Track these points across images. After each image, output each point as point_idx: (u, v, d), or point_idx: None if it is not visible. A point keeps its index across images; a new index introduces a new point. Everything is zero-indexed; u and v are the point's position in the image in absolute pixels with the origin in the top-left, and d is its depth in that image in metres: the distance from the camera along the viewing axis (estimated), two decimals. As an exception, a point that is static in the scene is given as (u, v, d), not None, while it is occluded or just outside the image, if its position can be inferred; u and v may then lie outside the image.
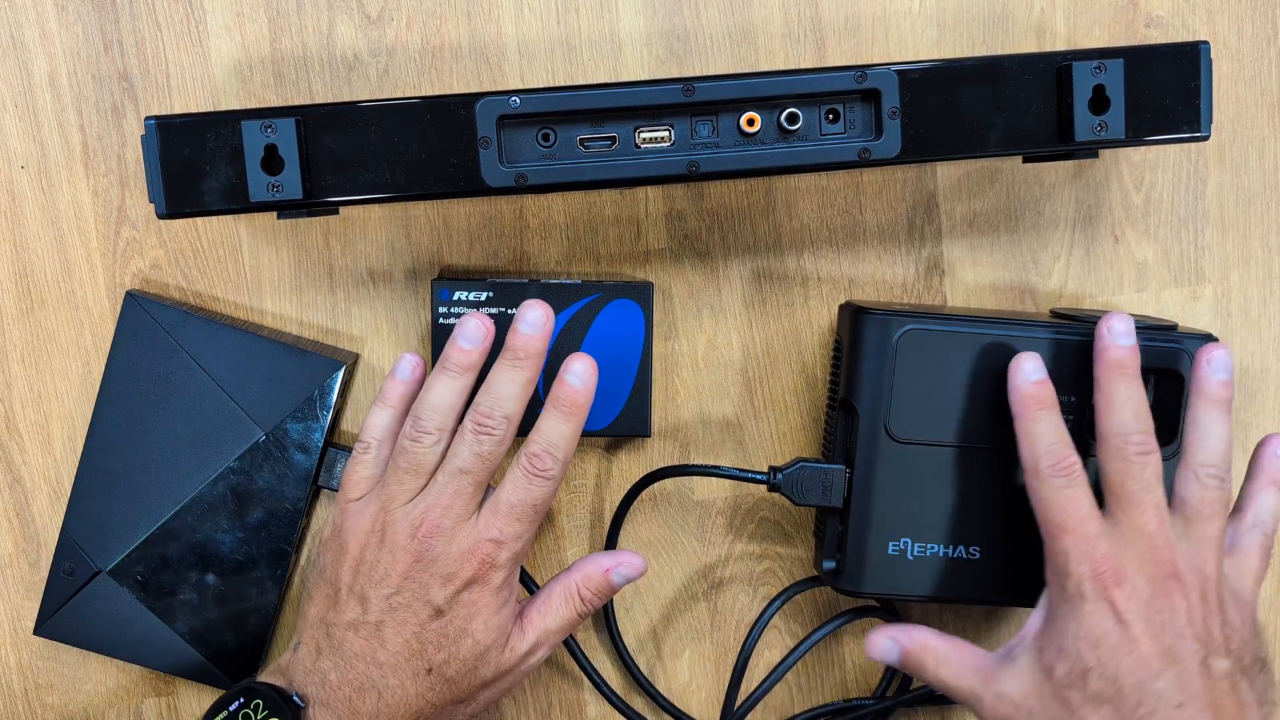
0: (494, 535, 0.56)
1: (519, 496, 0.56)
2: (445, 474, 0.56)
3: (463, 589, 0.56)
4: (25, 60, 0.63)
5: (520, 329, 0.57)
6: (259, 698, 0.55)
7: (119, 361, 0.63)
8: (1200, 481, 0.56)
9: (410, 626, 0.55)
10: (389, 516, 0.57)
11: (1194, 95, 0.57)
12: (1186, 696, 0.52)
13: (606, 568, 0.59)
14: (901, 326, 0.59)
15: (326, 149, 0.56)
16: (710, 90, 0.55)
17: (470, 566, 0.56)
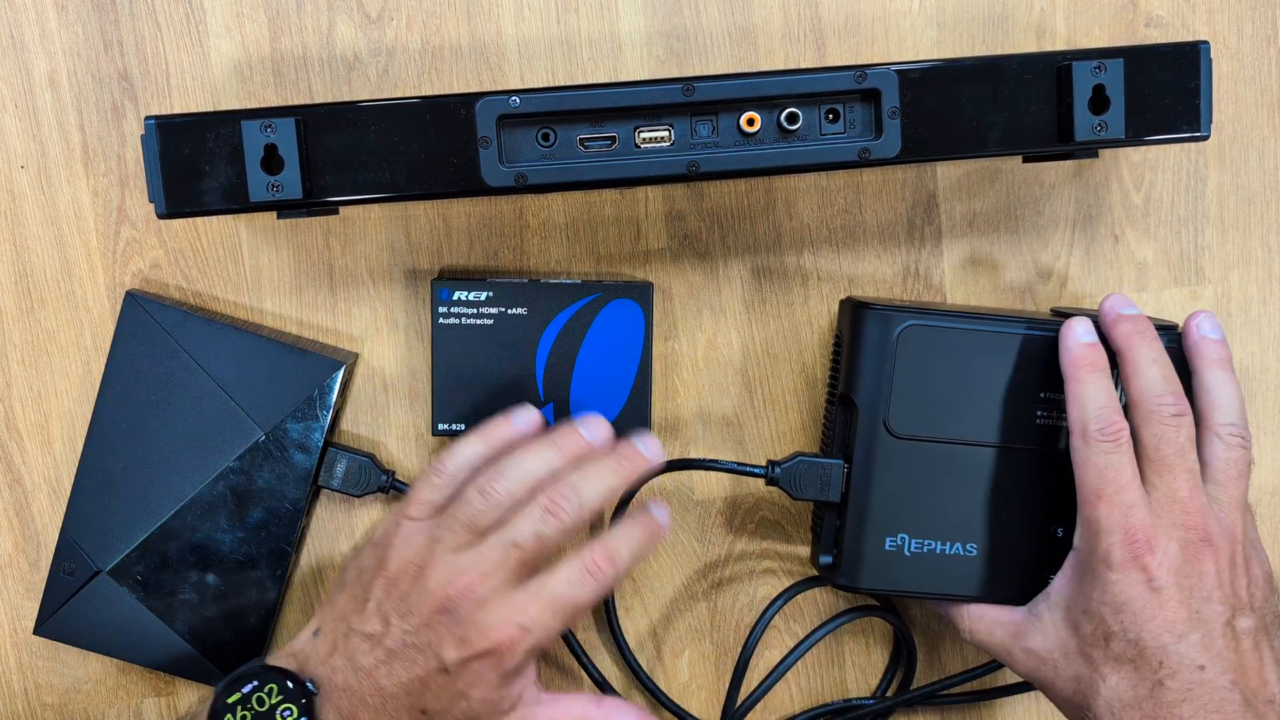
0: (524, 621, 0.54)
1: (565, 591, 0.54)
2: (498, 541, 0.54)
3: (474, 658, 0.53)
4: (25, 60, 0.63)
5: (639, 445, 0.57)
6: (273, 681, 0.54)
7: (119, 361, 0.63)
8: (1224, 441, 0.56)
9: (417, 669, 0.54)
10: (432, 556, 0.55)
11: (1194, 95, 0.57)
12: (1209, 658, 0.53)
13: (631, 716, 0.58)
14: (902, 322, 0.59)
15: (326, 149, 0.56)
16: (710, 90, 0.55)
17: (488, 643, 0.53)
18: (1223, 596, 0.54)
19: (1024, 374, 0.59)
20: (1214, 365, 0.57)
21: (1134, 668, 0.54)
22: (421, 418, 0.66)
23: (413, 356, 0.66)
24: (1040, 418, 0.60)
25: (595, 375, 0.64)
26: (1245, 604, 0.54)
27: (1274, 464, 0.69)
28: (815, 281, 0.67)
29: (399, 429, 0.66)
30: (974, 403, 0.60)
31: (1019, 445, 0.60)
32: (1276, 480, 0.69)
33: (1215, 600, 0.54)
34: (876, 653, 0.69)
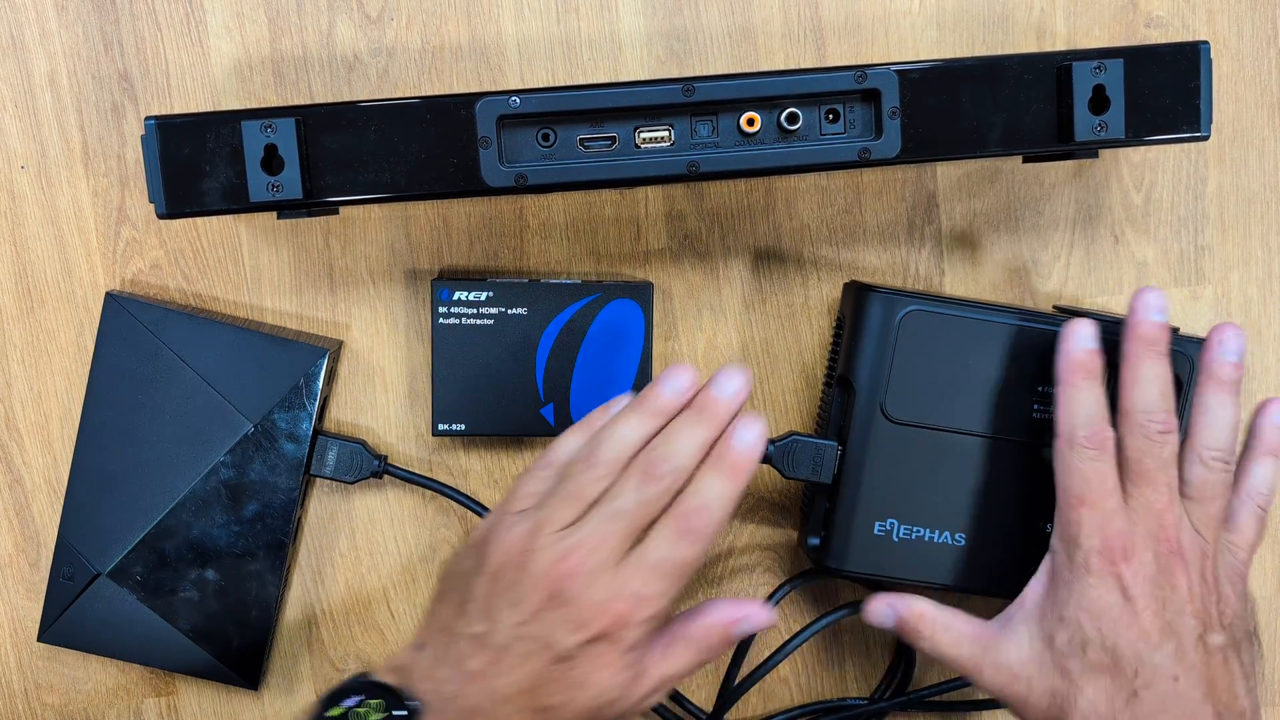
0: (634, 590, 0.52)
1: (665, 553, 0.52)
2: (601, 514, 0.52)
3: (592, 641, 0.51)
4: (25, 60, 0.63)
5: (712, 392, 0.54)
6: (377, 697, 0.52)
7: (103, 363, 0.63)
8: (1205, 465, 0.56)
9: (532, 663, 0.51)
10: (536, 541, 0.52)
11: (1194, 95, 0.57)
12: (1183, 670, 0.53)
13: (730, 620, 0.55)
14: (905, 307, 0.59)
15: (326, 149, 0.56)
16: (710, 90, 0.55)
17: (604, 620, 0.51)
18: (1194, 611, 0.54)
19: (1023, 367, 0.60)
20: (1221, 387, 0.57)
21: (1110, 678, 0.53)
22: (421, 418, 0.66)
23: (413, 356, 0.66)
24: (1036, 412, 0.60)
25: (595, 375, 0.64)
26: (1216, 621, 0.54)
27: (1274, 464, 0.68)
28: (815, 282, 0.67)
29: (399, 429, 0.66)
30: (971, 392, 0.60)
31: (1013, 438, 0.60)
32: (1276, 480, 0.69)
33: (1188, 614, 0.54)
34: (876, 653, 0.69)
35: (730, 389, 0.54)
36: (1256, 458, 0.59)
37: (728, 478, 0.53)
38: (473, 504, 0.65)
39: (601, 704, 0.52)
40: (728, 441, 0.54)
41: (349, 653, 0.67)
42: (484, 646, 0.52)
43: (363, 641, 0.67)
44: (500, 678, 0.52)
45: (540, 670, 0.51)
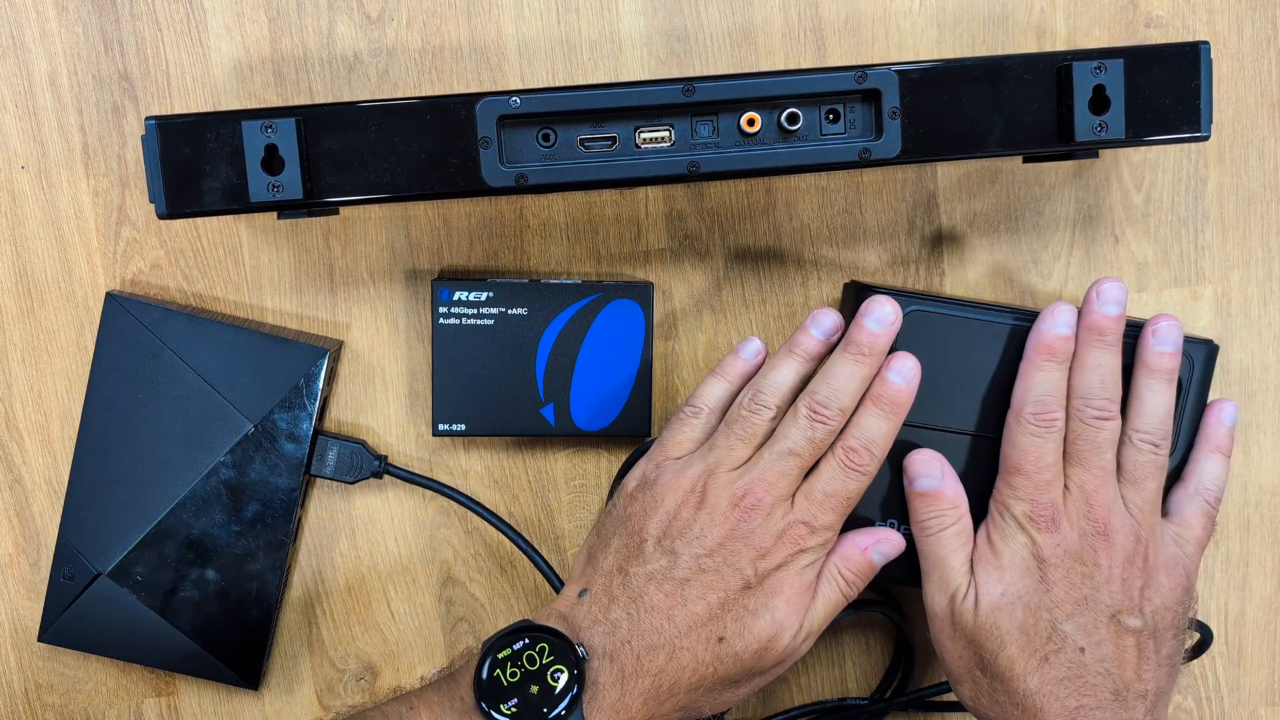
0: (807, 519, 0.56)
1: (834, 487, 0.56)
2: (774, 452, 0.56)
3: (774, 569, 0.55)
4: (25, 60, 0.63)
5: (866, 324, 0.57)
6: (544, 641, 0.54)
7: (103, 364, 0.63)
8: (1135, 446, 0.58)
9: (716, 592, 0.55)
10: (713, 479, 0.56)
11: (1194, 95, 0.57)
12: (1090, 643, 0.56)
13: (864, 546, 0.58)
14: (905, 307, 0.59)
15: (326, 149, 0.56)
16: (710, 90, 0.55)
17: (783, 548, 0.55)
18: (1112, 591, 0.56)
19: None
20: (1152, 375, 0.59)
21: (1028, 639, 0.56)
22: (421, 418, 0.66)
23: (413, 356, 0.66)
24: None
25: (595, 375, 0.64)
26: (1134, 606, 0.56)
27: (1274, 464, 0.69)
28: (815, 282, 0.67)
29: (399, 429, 0.66)
30: (970, 392, 0.60)
31: None
32: (1276, 480, 0.69)
33: (1105, 593, 0.56)
34: (877, 653, 0.69)
35: (879, 319, 0.57)
36: (1205, 454, 0.60)
37: (887, 413, 0.57)
38: (473, 504, 0.65)
39: (776, 631, 0.55)
40: (885, 377, 0.57)
41: (349, 653, 0.67)
42: (665, 580, 0.55)
43: (363, 641, 0.67)
44: (682, 608, 0.55)
45: (723, 598, 0.55)
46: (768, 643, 0.55)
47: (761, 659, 0.56)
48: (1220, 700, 0.69)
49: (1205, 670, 0.69)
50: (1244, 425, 0.68)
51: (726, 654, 0.55)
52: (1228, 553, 0.69)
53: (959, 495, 0.58)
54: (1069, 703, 0.55)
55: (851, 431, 0.57)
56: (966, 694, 0.58)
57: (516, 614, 0.68)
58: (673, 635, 0.54)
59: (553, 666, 0.53)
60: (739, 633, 0.55)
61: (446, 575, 0.67)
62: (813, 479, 0.57)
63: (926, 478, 0.58)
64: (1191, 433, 0.61)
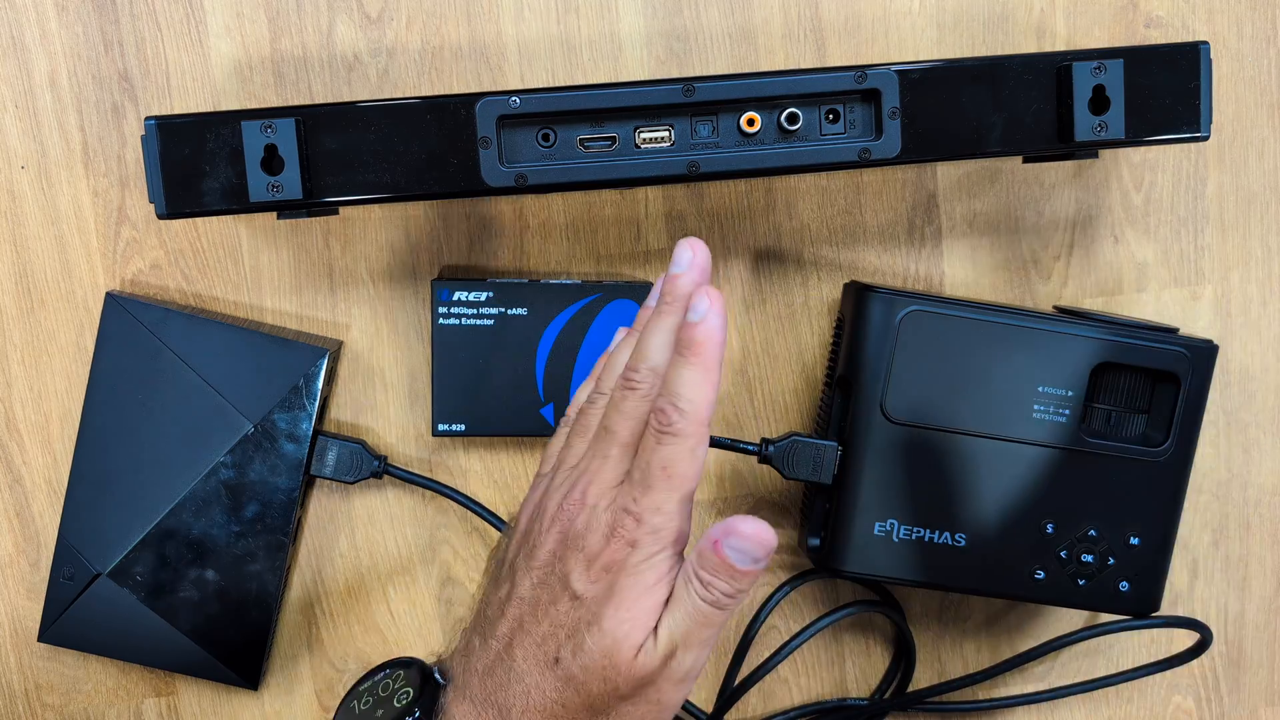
0: (628, 505, 0.47)
1: (653, 459, 0.47)
2: (595, 440, 0.50)
3: (603, 572, 0.48)
4: (25, 60, 0.63)
5: (671, 271, 0.50)
6: (401, 669, 0.52)
7: (103, 364, 0.63)
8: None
9: (549, 608, 0.48)
10: (552, 487, 0.50)
11: (1194, 95, 0.57)
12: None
13: (715, 540, 0.47)
14: (905, 307, 0.59)
15: (326, 149, 0.56)
16: (710, 90, 0.55)
17: (611, 547, 0.47)
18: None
19: (1023, 367, 0.60)
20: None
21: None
22: (421, 418, 0.66)
23: (413, 356, 0.66)
24: (1036, 412, 0.60)
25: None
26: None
27: (1274, 464, 0.69)
28: (815, 282, 0.67)
29: (399, 429, 0.66)
30: (972, 392, 0.60)
31: (1014, 438, 0.60)
32: (1276, 480, 0.69)
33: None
34: (877, 653, 0.69)
35: (683, 263, 0.50)
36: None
37: (691, 360, 0.47)
38: (473, 504, 0.65)
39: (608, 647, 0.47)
40: (685, 321, 0.48)
41: (349, 653, 0.67)
42: (509, 604, 0.50)
43: (363, 641, 0.67)
44: (520, 633, 0.49)
45: (555, 616, 0.48)
46: (605, 660, 0.47)
47: (609, 681, 0.47)
48: (1220, 700, 0.69)
49: (1205, 670, 0.69)
50: (1244, 425, 0.68)
51: (564, 678, 0.48)
52: (1228, 553, 0.69)
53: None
54: None
55: (661, 391, 0.48)
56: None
57: (516, 614, 0.68)
58: (512, 662, 0.49)
59: (401, 689, 0.50)
60: (571, 652, 0.48)
61: (446, 575, 0.67)
62: (636, 458, 0.48)
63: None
64: (1190, 432, 0.61)
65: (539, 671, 0.48)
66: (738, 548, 0.47)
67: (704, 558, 0.48)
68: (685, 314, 0.48)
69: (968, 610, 0.69)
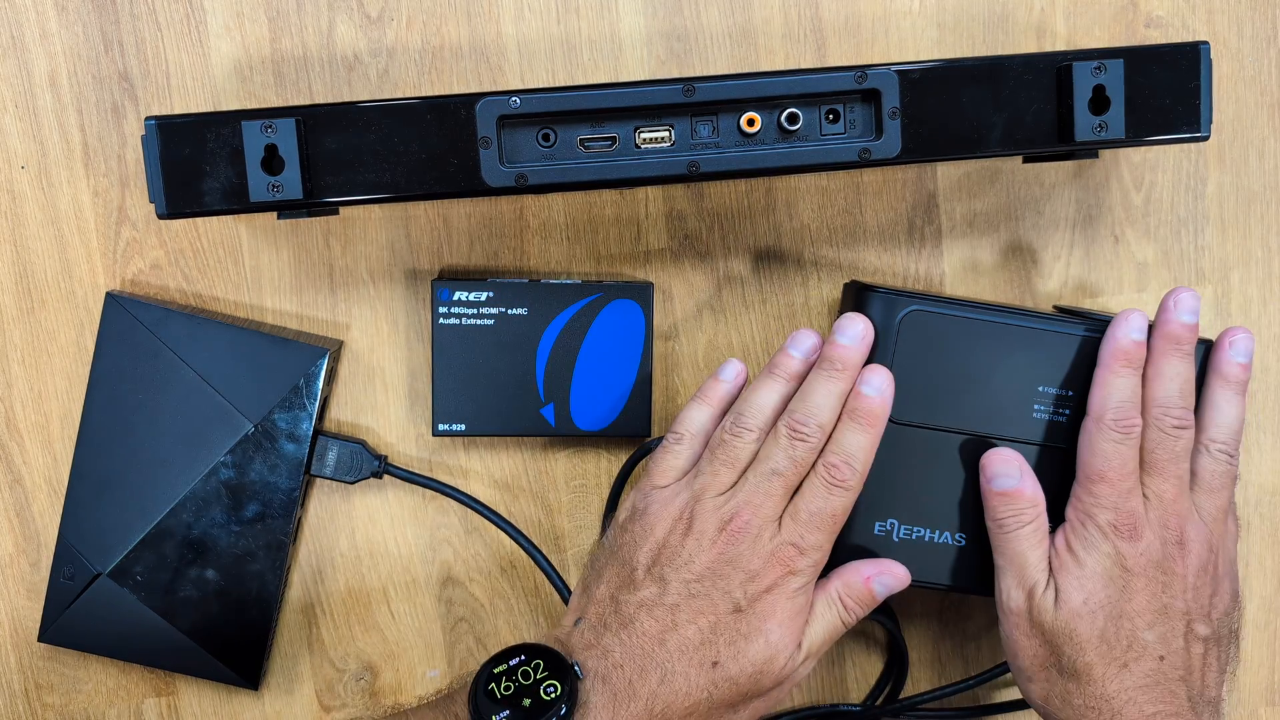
0: (794, 540, 0.56)
1: (818, 506, 0.56)
2: (758, 474, 0.57)
3: (764, 592, 0.55)
4: (25, 60, 0.63)
5: (838, 340, 0.58)
6: (540, 658, 0.54)
7: (104, 363, 0.63)
8: (1213, 456, 0.58)
9: (707, 616, 0.55)
10: (699, 506, 0.57)
11: (1194, 95, 0.57)
12: (1168, 651, 0.56)
13: (867, 576, 0.59)
14: (905, 307, 0.59)
15: (326, 149, 0.56)
16: (710, 90, 0.55)
17: (773, 570, 0.56)
18: (1186, 600, 0.57)
19: (1024, 367, 0.60)
20: (1228, 385, 0.59)
21: (1108, 647, 0.56)
22: (422, 418, 0.66)
23: (413, 356, 0.66)
24: (1037, 412, 0.60)
25: (595, 375, 0.64)
26: (1205, 612, 0.57)
27: (1274, 464, 0.69)
28: (815, 282, 0.67)
29: (399, 429, 0.66)
30: (972, 393, 0.60)
31: (1015, 438, 0.60)
32: (1276, 480, 0.69)
33: (1180, 601, 0.57)
34: (877, 654, 0.69)
35: (852, 335, 0.58)
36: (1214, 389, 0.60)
37: (864, 426, 0.57)
38: (473, 504, 0.65)
39: (771, 654, 0.55)
40: (859, 392, 0.57)
41: (349, 653, 0.67)
42: (656, 606, 0.55)
43: (363, 641, 0.67)
44: (674, 633, 0.55)
45: (714, 622, 0.55)
46: (763, 666, 0.55)
47: (758, 683, 0.55)
48: (1220, 700, 0.70)
49: (1205, 670, 0.69)
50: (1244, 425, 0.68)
51: (721, 678, 0.55)
52: (1228, 553, 0.69)
53: (1037, 494, 0.58)
54: (1147, 709, 0.55)
55: (831, 448, 0.57)
56: (1036, 692, 0.58)
57: (516, 614, 0.68)
58: (664, 660, 0.54)
59: (546, 681, 0.53)
60: (733, 657, 0.55)
61: (446, 575, 0.67)
62: (798, 499, 0.57)
63: (1005, 477, 0.58)
64: None
65: (696, 670, 0.54)
66: (887, 585, 0.59)
67: (851, 587, 0.58)
68: (859, 385, 0.57)
69: (968, 611, 0.69)
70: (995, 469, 0.59)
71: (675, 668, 0.54)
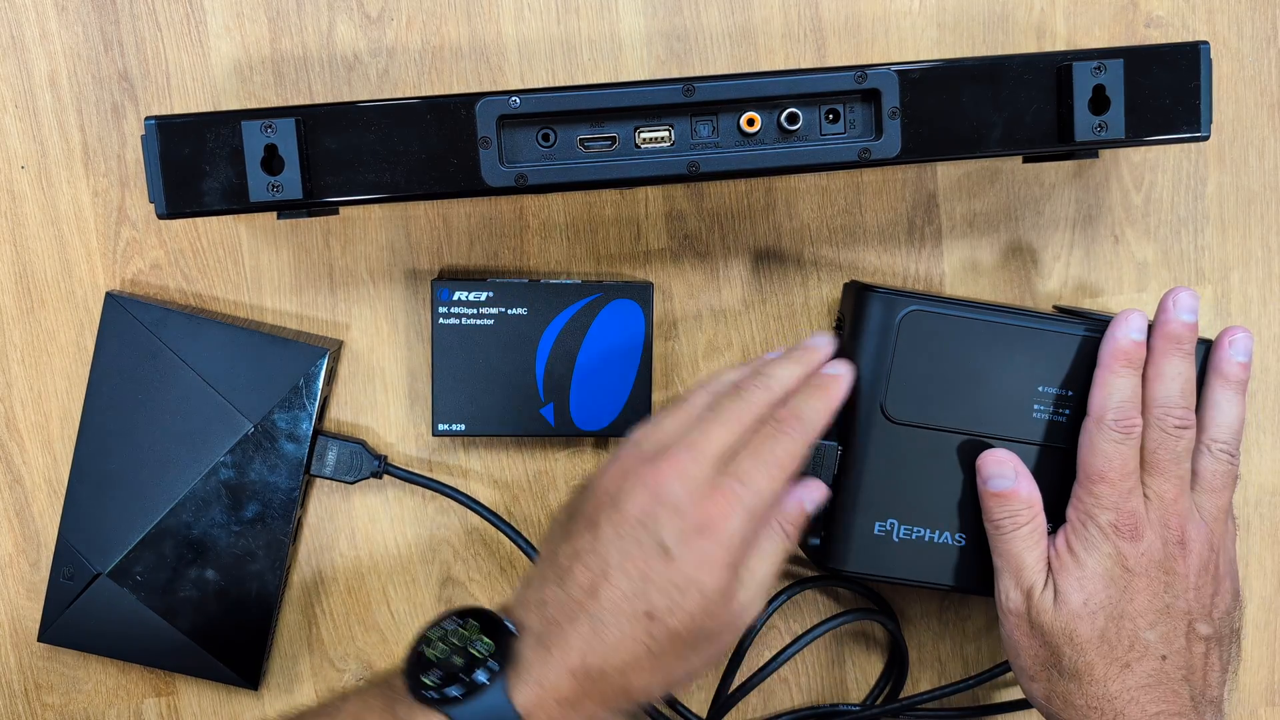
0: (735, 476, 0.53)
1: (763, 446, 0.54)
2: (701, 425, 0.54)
3: (695, 534, 0.52)
4: (25, 60, 0.63)
5: (807, 342, 0.59)
6: (475, 617, 0.53)
7: (103, 363, 0.63)
8: (1214, 456, 0.58)
9: (636, 563, 0.51)
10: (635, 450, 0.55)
11: (1194, 95, 0.57)
12: (1170, 650, 0.56)
13: (800, 500, 0.56)
14: (905, 307, 0.59)
15: (326, 149, 0.56)
16: (710, 90, 0.55)
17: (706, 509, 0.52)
18: (1188, 600, 0.57)
19: (1024, 367, 0.60)
20: (1229, 385, 0.59)
21: (1109, 647, 0.56)
22: (422, 418, 0.66)
23: (413, 356, 0.66)
24: (1037, 412, 0.60)
25: (595, 375, 0.64)
26: (1207, 612, 0.57)
27: (1274, 464, 0.69)
28: (815, 282, 0.67)
29: (399, 429, 0.66)
30: (972, 393, 0.60)
31: (1015, 438, 0.60)
32: (1276, 480, 0.69)
33: (1181, 601, 0.57)
34: (877, 654, 0.69)
35: (823, 342, 0.59)
36: (1214, 388, 0.60)
37: (818, 394, 0.56)
38: (473, 504, 0.65)
39: (706, 606, 0.52)
40: (818, 370, 0.58)
41: (349, 653, 0.67)
42: (589, 555, 0.52)
43: (363, 641, 0.67)
44: (605, 584, 0.52)
45: (645, 570, 0.52)
46: (702, 617, 0.52)
47: (702, 631, 0.52)
48: (1220, 700, 0.69)
49: (1205, 670, 0.69)
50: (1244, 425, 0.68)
51: (659, 630, 0.51)
52: (1228, 553, 0.69)
53: (1033, 495, 0.58)
54: (1150, 708, 0.55)
55: (782, 407, 0.55)
56: (1038, 692, 0.58)
57: (516, 614, 0.68)
58: (596, 611, 0.51)
59: (477, 638, 0.52)
60: (668, 608, 0.51)
61: (446, 575, 0.67)
62: (742, 447, 0.54)
63: (1000, 478, 0.58)
64: None
65: (630, 622, 0.51)
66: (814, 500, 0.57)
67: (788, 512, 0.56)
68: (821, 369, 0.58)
69: (968, 611, 0.69)
70: (990, 470, 0.59)
71: (607, 619, 0.51)
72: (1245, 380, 0.60)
